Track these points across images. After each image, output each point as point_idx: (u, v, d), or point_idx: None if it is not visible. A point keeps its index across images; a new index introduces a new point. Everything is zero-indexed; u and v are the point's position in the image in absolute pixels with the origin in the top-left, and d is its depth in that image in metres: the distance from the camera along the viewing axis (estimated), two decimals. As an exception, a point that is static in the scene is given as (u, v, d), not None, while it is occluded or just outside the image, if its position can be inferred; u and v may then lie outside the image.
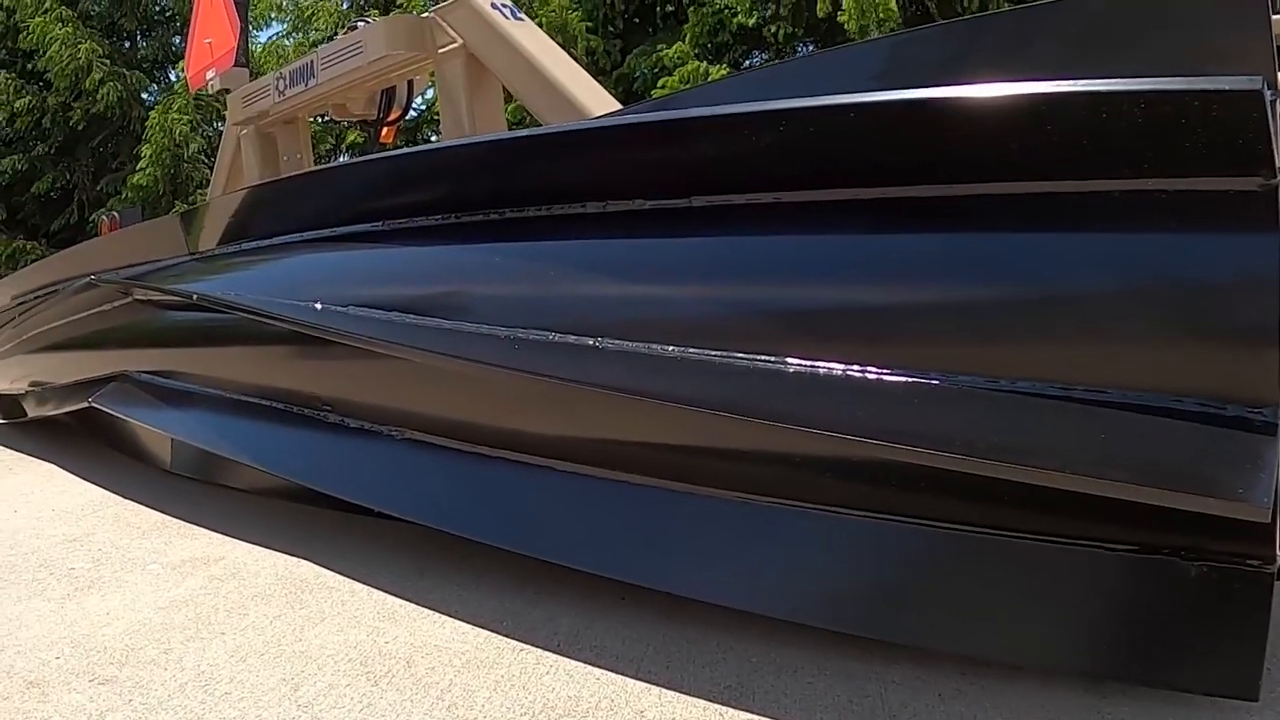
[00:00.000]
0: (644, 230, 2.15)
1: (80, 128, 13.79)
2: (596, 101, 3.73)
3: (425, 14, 4.18)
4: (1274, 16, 2.07)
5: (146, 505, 3.86)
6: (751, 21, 10.77)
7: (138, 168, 12.89)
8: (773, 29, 10.94)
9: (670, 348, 1.96)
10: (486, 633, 2.30)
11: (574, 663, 2.11)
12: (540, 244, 2.35)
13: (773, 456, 2.00)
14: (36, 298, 5.57)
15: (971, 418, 1.64)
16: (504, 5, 3.97)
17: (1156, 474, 1.47)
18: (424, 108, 11.74)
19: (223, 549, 3.14)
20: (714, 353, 1.91)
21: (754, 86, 2.33)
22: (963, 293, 1.74)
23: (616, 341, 2.03)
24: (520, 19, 3.96)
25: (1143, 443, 1.50)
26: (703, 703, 1.88)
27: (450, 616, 2.41)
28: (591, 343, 2.07)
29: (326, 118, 6.78)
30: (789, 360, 1.82)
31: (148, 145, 12.73)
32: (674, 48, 11.20)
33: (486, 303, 2.41)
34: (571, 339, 2.10)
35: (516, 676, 2.06)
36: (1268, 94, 1.60)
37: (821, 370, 1.78)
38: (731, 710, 1.84)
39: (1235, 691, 1.64)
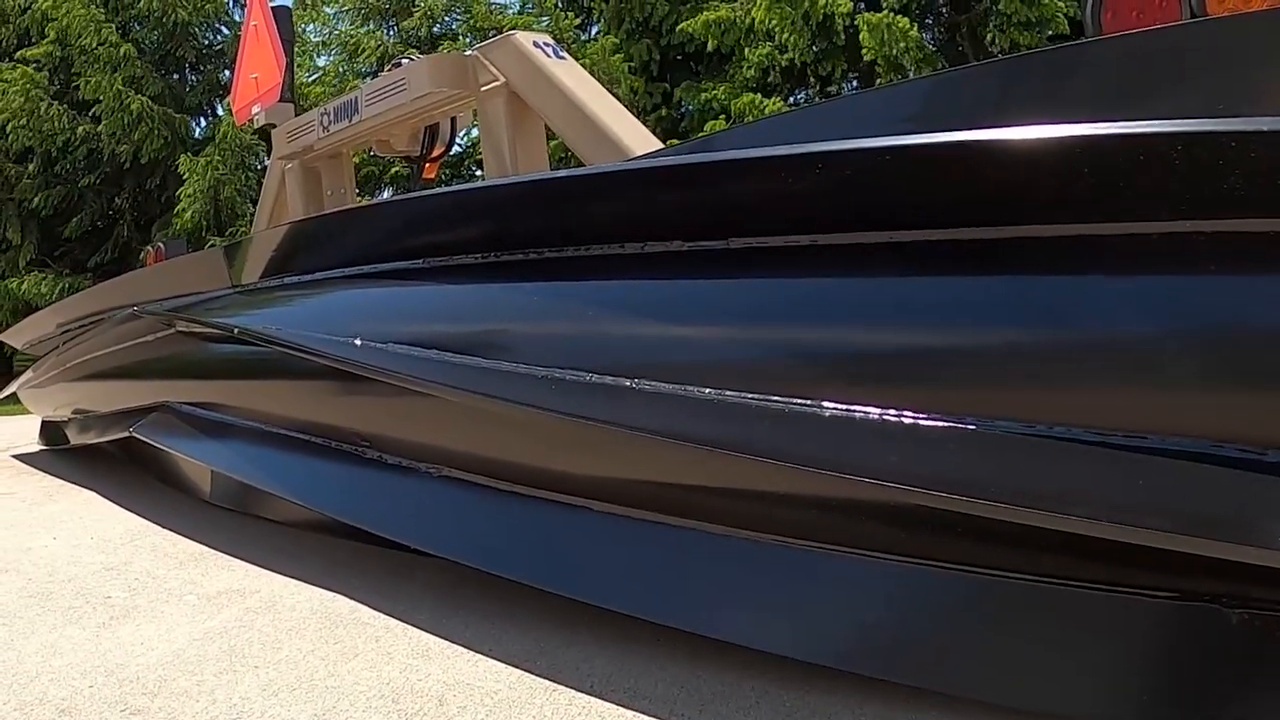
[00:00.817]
0: (680, 272, 2.16)
1: (127, 166, 14.03)
2: (638, 140, 3.75)
3: (468, 52, 4.23)
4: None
5: (185, 535, 3.91)
6: (808, 59, 10.83)
7: (178, 209, 13.11)
8: (828, 66, 11.01)
9: (705, 390, 1.96)
10: (520, 672, 2.30)
11: (606, 704, 2.10)
12: (577, 284, 2.37)
13: (809, 500, 1.99)
14: (81, 326, 5.66)
15: (1008, 464, 1.64)
16: (546, 44, 4.01)
17: (1195, 522, 1.46)
18: (467, 144, 11.86)
19: (259, 581, 3.17)
20: (749, 396, 1.91)
21: (787, 128, 2.33)
22: (1001, 336, 1.74)
23: (652, 383, 2.04)
24: (563, 57, 4.00)
25: (1181, 490, 1.49)
26: None
27: (484, 655, 2.41)
28: (628, 384, 2.08)
29: (371, 153, 6.86)
30: (824, 404, 1.82)
31: (186, 188, 12.95)
32: (723, 89, 11.28)
33: (522, 342, 2.42)
34: (608, 380, 2.11)
35: (548, 718, 2.06)
36: None
37: (857, 414, 1.78)
38: None
39: None
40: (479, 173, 11.87)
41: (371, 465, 2.97)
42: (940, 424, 1.74)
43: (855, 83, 11.74)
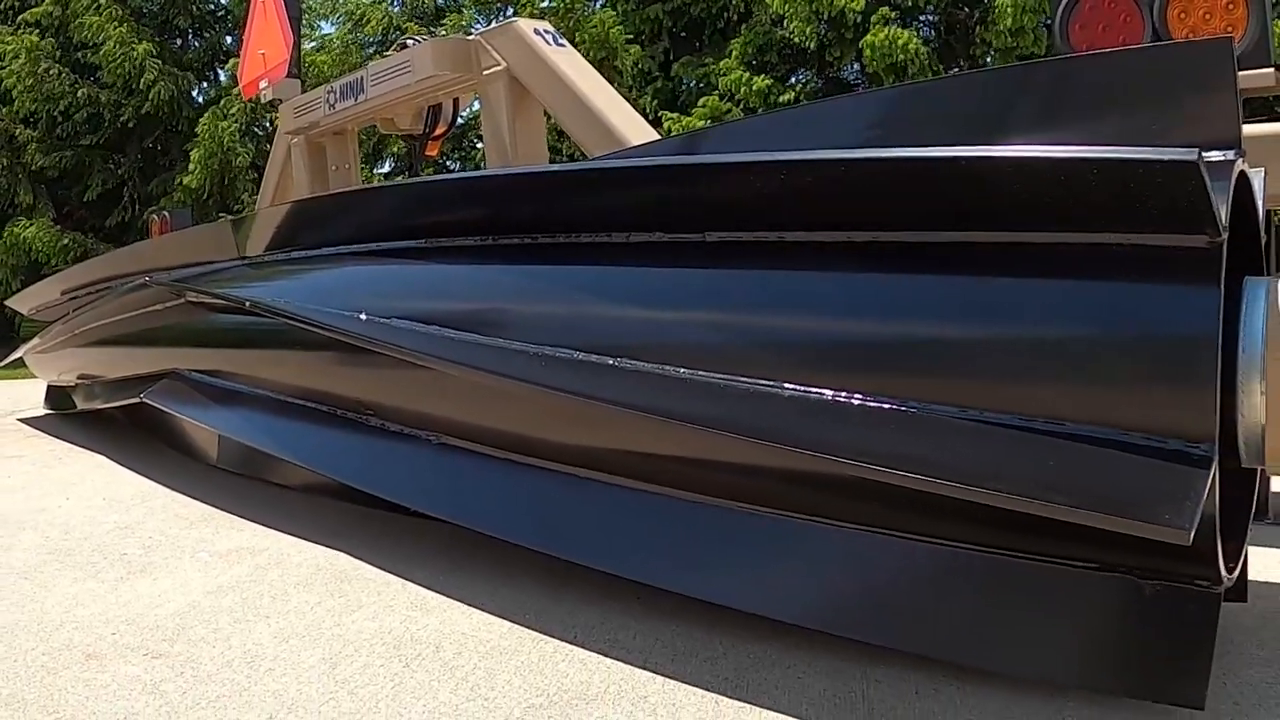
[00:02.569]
0: (659, 260, 2.39)
1: (131, 125, 14.21)
2: (630, 126, 3.97)
3: (471, 37, 4.43)
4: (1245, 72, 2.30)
5: (194, 497, 4.13)
6: (812, 45, 11.03)
7: (189, 169, 13.30)
8: (835, 52, 11.21)
9: (679, 369, 2.19)
10: (510, 624, 2.53)
11: (588, 653, 2.34)
12: (567, 268, 2.60)
13: (771, 472, 2.22)
14: (90, 293, 5.87)
15: (944, 444, 1.86)
16: (546, 32, 4.22)
17: (1102, 500, 1.68)
18: (470, 116, 12.06)
19: (267, 540, 3.40)
20: (716, 376, 2.14)
21: (769, 129, 2.57)
22: (942, 330, 1.96)
23: (628, 361, 2.27)
24: (561, 45, 4.21)
25: (1093, 471, 1.71)
26: (701, 692, 2.10)
27: (478, 609, 2.65)
28: (611, 362, 2.30)
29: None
30: (784, 385, 2.05)
31: (197, 149, 13.14)
32: (722, 64, 11.48)
33: (511, 320, 2.65)
34: (592, 358, 2.33)
35: (535, 663, 2.29)
36: (1229, 155, 1.81)
37: (812, 395, 2.00)
38: (726, 699, 2.06)
39: (1184, 700, 1.85)
40: (479, 145, 12.05)
41: (374, 433, 3.20)
42: (887, 407, 1.96)
43: (857, 65, 11.97)
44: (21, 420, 7.04)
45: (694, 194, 2.33)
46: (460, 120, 10.14)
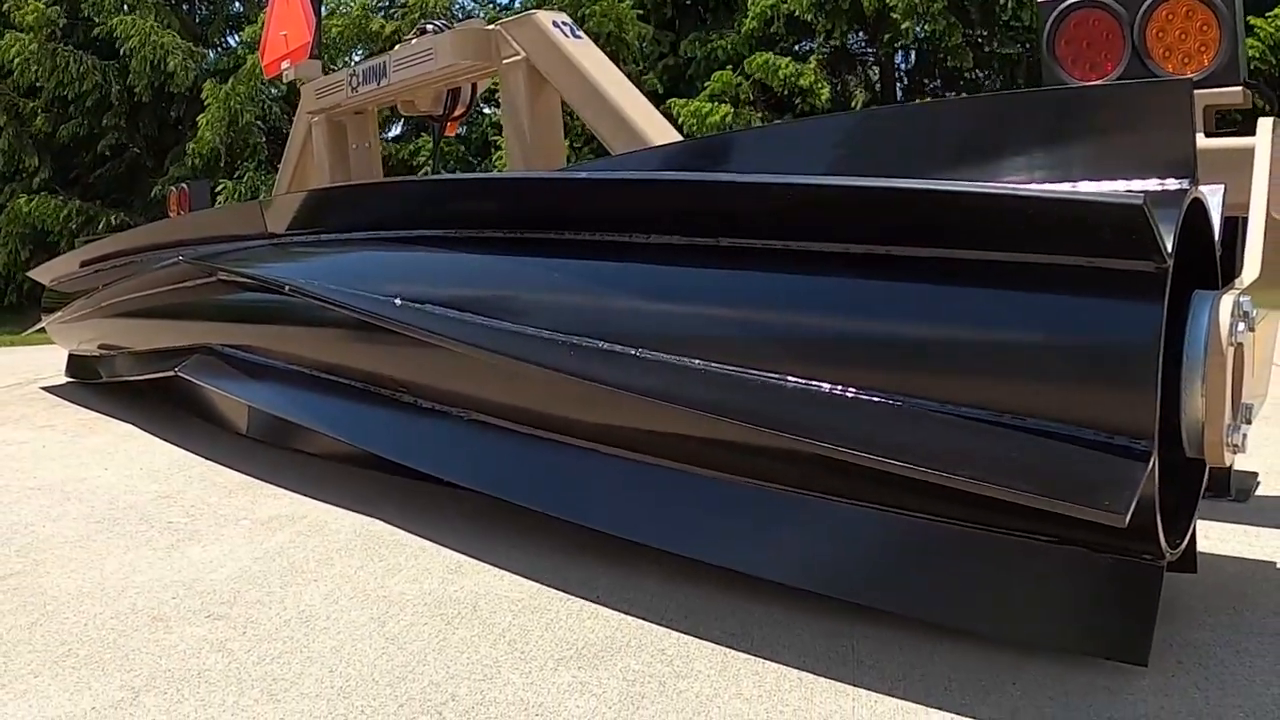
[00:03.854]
0: (678, 261, 2.70)
1: (145, 100, 14.47)
2: (643, 117, 4.25)
3: (491, 26, 4.70)
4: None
5: (228, 466, 4.44)
6: (809, 16, 11.29)
7: (198, 135, 13.58)
8: (829, 23, 11.46)
9: (690, 360, 2.51)
10: (538, 585, 2.84)
11: (610, 611, 2.64)
12: (590, 263, 2.92)
13: (764, 451, 2.54)
14: (111, 266, 6.18)
15: (922, 434, 2.16)
16: (565, 23, 4.48)
17: (1054, 486, 1.97)
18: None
19: (305, 508, 3.72)
20: (716, 365, 2.47)
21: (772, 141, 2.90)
22: (925, 333, 2.25)
23: (649, 351, 2.59)
24: (579, 37, 4.48)
25: (1049, 462, 2.01)
26: (712, 645, 2.40)
27: (508, 571, 2.95)
28: (632, 351, 2.62)
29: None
30: (788, 378, 2.35)
31: (205, 114, 13.42)
32: (728, 39, 11.73)
33: (541, 309, 2.97)
34: (615, 347, 2.65)
35: (563, 620, 2.60)
36: (1183, 184, 2.10)
37: (814, 388, 2.31)
38: (735, 652, 2.36)
39: (1131, 658, 2.15)
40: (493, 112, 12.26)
41: (409, 409, 3.52)
42: (880, 399, 2.26)
43: (861, 32, 12.23)
44: (45, 389, 7.35)
45: (701, 204, 2.65)
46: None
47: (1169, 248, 1.90)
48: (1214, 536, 2.87)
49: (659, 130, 4.25)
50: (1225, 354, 2.00)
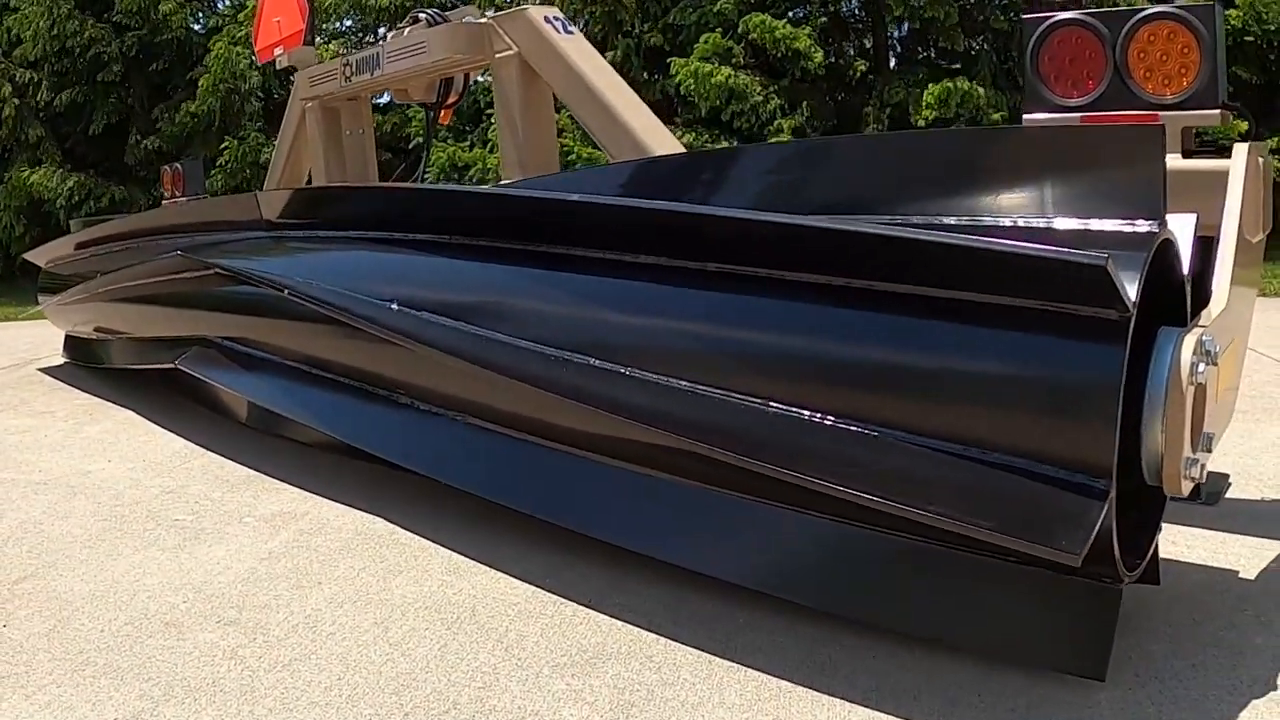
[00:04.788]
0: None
1: (137, 54, 14.54)
2: (631, 112, 4.39)
3: (483, 19, 4.82)
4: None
5: (229, 458, 4.62)
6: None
7: (196, 94, 13.68)
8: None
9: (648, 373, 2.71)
10: (533, 588, 3.01)
11: (601, 616, 2.81)
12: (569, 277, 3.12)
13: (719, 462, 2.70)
14: (110, 251, 6.33)
15: (888, 463, 2.32)
16: (556, 18, 4.61)
17: (1014, 522, 2.12)
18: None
19: (306, 505, 3.89)
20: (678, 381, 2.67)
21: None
22: (899, 364, 2.41)
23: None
24: (570, 32, 4.60)
25: (1009, 496, 2.16)
26: (695, 651, 2.57)
27: (504, 573, 3.12)
28: (593, 363, 2.82)
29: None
30: (770, 403, 2.51)
31: (206, 77, 13.51)
32: (720, 4, 11.83)
33: (504, 313, 3.19)
34: (578, 359, 2.86)
35: (558, 626, 2.77)
36: (1152, 226, 2.24)
37: (792, 413, 2.47)
38: (717, 659, 2.53)
39: (1090, 673, 2.30)
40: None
41: (407, 409, 3.71)
42: (850, 428, 2.41)
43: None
44: (42, 370, 7.52)
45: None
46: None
47: (1133, 299, 2.03)
48: (1181, 543, 3.05)
49: (646, 125, 4.40)
50: (1185, 393, 2.15)
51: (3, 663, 2.71)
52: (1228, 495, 3.04)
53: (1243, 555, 2.99)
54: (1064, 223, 2.33)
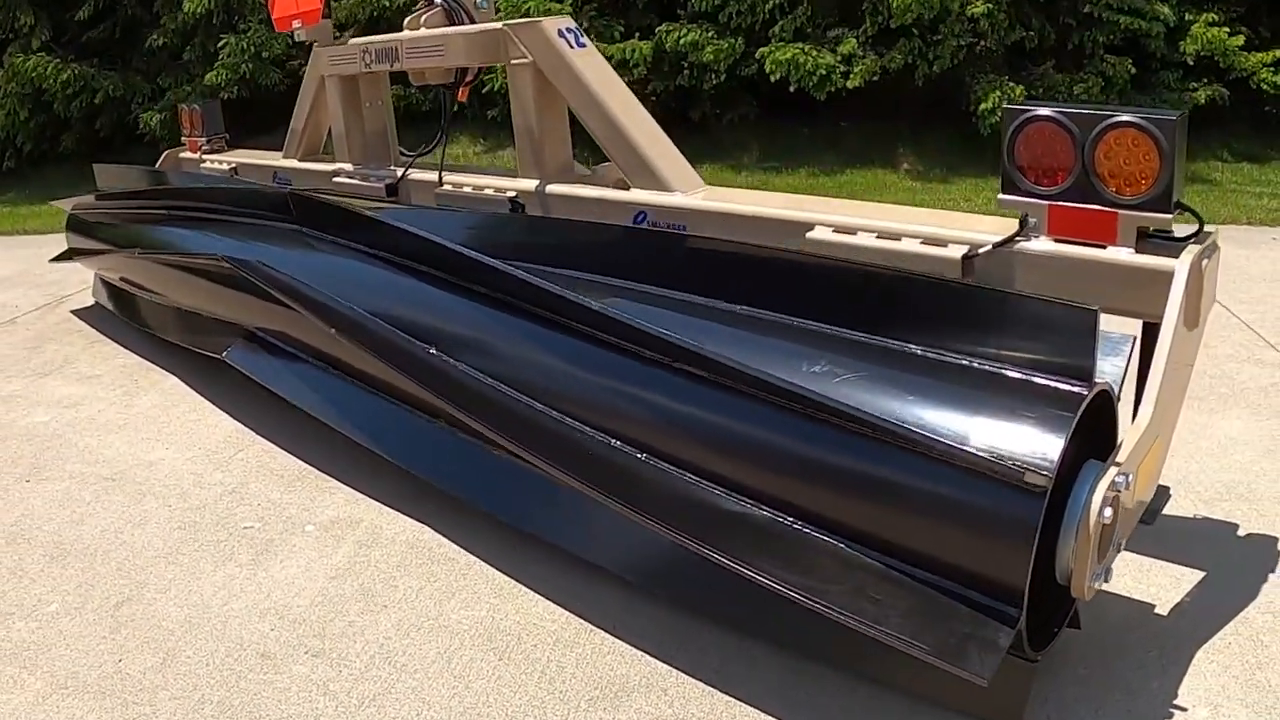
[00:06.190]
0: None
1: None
2: (636, 125, 4.96)
3: (499, 26, 5.37)
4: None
5: (279, 446, 5.31)
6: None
7: (215, 65, 14.06)
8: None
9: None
10: (566, 613, 3.71)
11: (624, 645, 3.51)
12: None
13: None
14: (138, 210, 6.97)
15: (825, 570, 2.96)
16: (569, 30, 5.15)
17: (929, 637, 2.71)
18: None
19: (358, 510, 4.58)
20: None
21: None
22: (845, 468, 3.03)
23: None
24: (583, 44, 5.15)
25: (927, 612, 2.79)
26: (700, 685, 3.27)
27: (539, 594, 3.83)
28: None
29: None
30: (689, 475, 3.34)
31: (219, 68, 13.91)
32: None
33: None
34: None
35: (589, 656, 3.50)
36: (1081, 390, 2.79)
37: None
38: (717, 692, 3.24)
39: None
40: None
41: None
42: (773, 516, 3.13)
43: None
44: (75, 313, 8.21)
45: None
46: None
47: (1049, 478, 2.62)
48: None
49: (650, 137, 4.97)
50: (1093, 530, 2.74)
51: (132, 703, 3.41)
52: (1164, 511, 3.74)
53: (1164, 586, 3.66)
54: (1012, 371, 2.96)
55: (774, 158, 12.90)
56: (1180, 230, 3.41)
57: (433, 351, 4.16)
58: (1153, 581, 3.72)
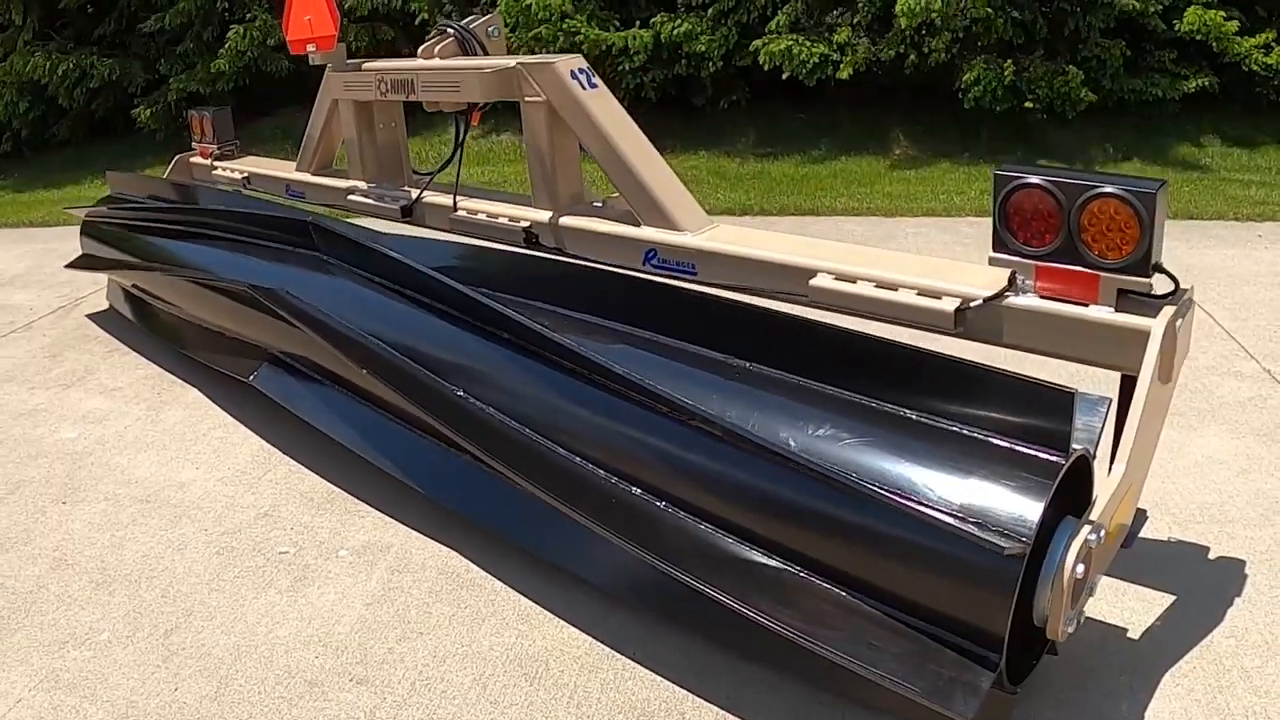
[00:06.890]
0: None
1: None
2: (649, 168, 5.32)
3: (513, 64, 5.73)
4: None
5: (306, 466, 5.64)
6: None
7: (220, 53, 14.34)
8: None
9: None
10: (589, 639, 4.08)
11: (645, 670, 3.88)
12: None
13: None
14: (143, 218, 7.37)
15: (812, 612, 3.42)
16: (581, 71, 5.51)
17: (915, 676, 3.11)
18: None
19: (388, 535, 4.93)
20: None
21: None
22: (844, 521, 3.46)
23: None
24: (594, 85, 5.52)
25: (916, 655, 3.17)
26: (715, 709, 3.68)
27: (565, 621, 4.18)
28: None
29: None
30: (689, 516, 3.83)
31: (224, 58, 14.16)
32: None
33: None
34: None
35: (613, 681, 3.90)
36: (1058, 459, 3.27)
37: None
38: (729, 715, 3.66)
39: None
40: None
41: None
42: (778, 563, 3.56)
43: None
44: (90, 317, 8.54)
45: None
46: None
47: (1027, 545, 3.03)
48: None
49: (660, 177, 5.32)
50: (1066, 584, 3.09)
51: (194, 733, 3.82)
52: (1141, 534, 4.13)
53: (1136, 610, 4.04)
54: (999, 440, 3.42)
55: (769, 143, 13.27)
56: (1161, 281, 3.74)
57: (461, 394, 4.56)
58: (1126, 605, 4.08)
